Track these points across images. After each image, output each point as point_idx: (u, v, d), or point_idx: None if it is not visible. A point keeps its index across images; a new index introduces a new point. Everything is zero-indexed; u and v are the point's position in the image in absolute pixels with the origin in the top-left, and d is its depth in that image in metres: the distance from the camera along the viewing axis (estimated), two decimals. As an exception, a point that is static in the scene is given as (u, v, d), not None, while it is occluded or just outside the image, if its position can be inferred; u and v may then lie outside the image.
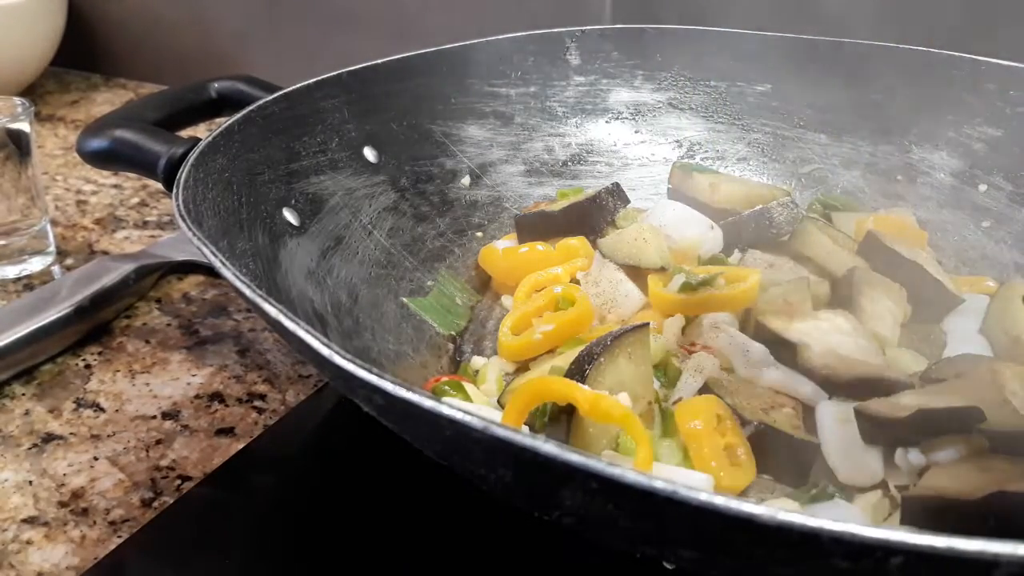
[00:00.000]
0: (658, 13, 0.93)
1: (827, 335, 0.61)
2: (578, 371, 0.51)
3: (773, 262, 0.68)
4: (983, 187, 0.76)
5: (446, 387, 0.54)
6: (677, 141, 0.86)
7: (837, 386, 0.57)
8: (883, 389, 0.56)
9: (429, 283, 0.69)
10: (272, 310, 0.38)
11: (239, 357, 0.66)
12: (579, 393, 0.47)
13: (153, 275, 0.75)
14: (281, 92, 0.67)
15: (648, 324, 0.54)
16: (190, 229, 0.43)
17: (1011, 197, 0.74)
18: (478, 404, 0.53)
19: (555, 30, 0.84)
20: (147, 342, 0.68)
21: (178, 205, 0.47)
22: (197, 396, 0.62)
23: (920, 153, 0.80)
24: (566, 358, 0.56)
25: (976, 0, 0.85)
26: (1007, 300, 0.66)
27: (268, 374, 0.64)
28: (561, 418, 0.50)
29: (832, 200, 0.79)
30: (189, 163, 0.53)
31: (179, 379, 0.64)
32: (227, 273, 0.40)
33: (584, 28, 0.85)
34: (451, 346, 0.64)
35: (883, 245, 0.67)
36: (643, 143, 0.86)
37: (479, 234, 0.76)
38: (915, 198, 0.78)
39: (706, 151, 0.85)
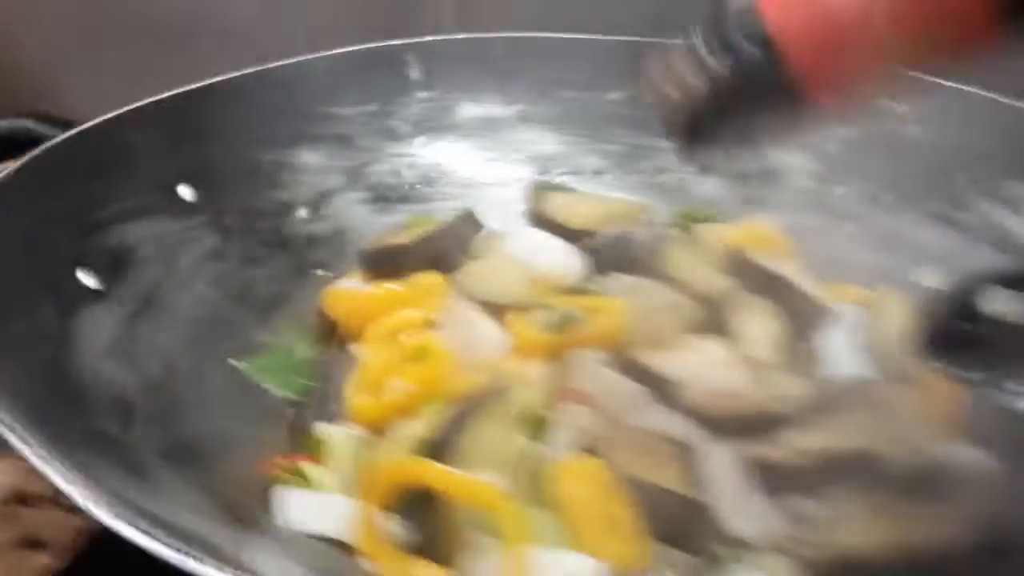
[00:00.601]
0: (503, 20, 0.88)
1: (702, 368, 0.57)
2: (439, 443, 0.44)
3: (636, 285, 0.64)
4: (840, 189, 0.74)
5: (286, 476, 0.46)
6: (530, 157, 0.80)
7: (719, 426, 0.53)
8: (769, 425, 0.53)
9: (262, 338, 0.61)
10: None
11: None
12: (441, 477, 0.41)
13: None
14: (76, 129, 0.57)
15: (511, 380, 0.48)
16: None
17: (870, 199, 0.73)
18: (325, 492, 0.45)
19: (393, 42, 0.77)
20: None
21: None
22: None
23: (777, 156, 0.78)
24: (428, 422, 0.49)
25: None
26: (878, 312, 0.64)
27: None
28: (428, 499, 0.43)
29: (693, 212, 0.76)
30: (-56, 229, 0.44)
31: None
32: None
33: (425, 39, 0.78)
34: (291, 411, 0.56)
35: (748, 261, 0.64)
36: (495, 161, 0.80)
37: (320, 272, 0.68)
38: (776, 203, 0.76)
39: (561, 166, 0.80)
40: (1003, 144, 0.68)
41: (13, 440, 0.34)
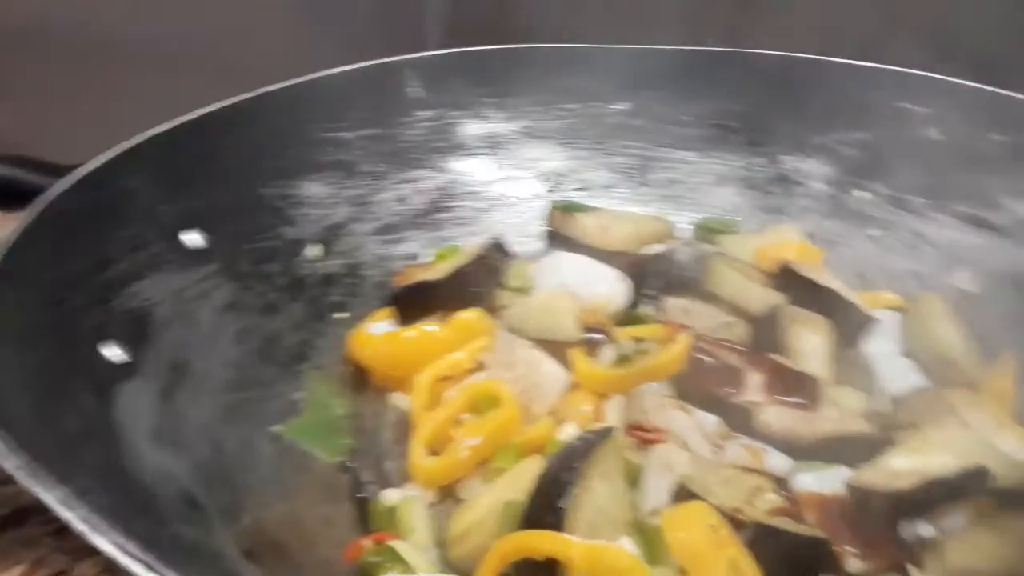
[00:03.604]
0: (496, 30, 0.84)
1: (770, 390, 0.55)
2: (549, 510, 0.40)
3: (688, 308, 0.62)
4: (862, 194, 0.73)
5: (379, 558, 0.41)
6: (540, 174, 0.77)
7: (802, 449, 0.51)
8: (853, 446, 0.51)
9: (297, 395, 0.56)
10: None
11: (56, 540, 0.49)
12: (573, 550, 0.37)
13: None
14: (73, 177, 0.51)
15: (613, 428, 0.45)
16: None
17: (893, 202, 0.72)
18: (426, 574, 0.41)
19: (390, 59, 0.72)
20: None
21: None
22: (11, 613, 0.45)
23: (791, 163, 0.76)
24: (513, 482, 0.45)
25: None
26: (923, 317, 0.63)
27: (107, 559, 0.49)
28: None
29: (714, 223, 0.74)
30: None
31: (-22, 589, 0.47)
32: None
33: (422, 54, 0.74)
34: (345, 478, 0.51)
35: (799, 276, 0.62)
36: (505, 179, 0.76)
37: (342, 315, 0.63)
38: (795, 210, 0.75)
39: (571, 182, 0.77)
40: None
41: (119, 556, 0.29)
